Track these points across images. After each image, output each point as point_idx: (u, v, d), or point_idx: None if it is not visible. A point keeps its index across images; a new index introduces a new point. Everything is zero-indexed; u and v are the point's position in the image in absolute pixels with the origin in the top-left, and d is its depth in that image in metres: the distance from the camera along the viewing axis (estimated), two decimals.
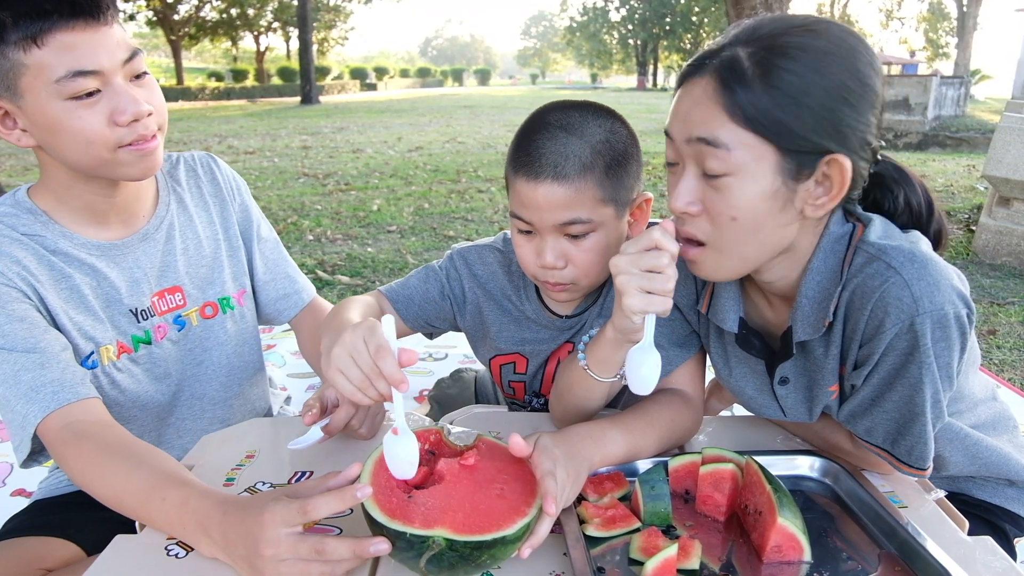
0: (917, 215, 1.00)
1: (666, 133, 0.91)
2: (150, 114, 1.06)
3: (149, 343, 1.23)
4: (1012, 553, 1.14)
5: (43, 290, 1.09)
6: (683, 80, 0.89)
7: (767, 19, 0.86)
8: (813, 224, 0.92)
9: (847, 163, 0.84)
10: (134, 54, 1.05)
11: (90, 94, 1.01)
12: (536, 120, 1.07)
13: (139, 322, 1.21)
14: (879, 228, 0.91)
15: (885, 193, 0.99)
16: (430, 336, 1.37)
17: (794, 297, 0.96)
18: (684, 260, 0.93)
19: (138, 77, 1.07)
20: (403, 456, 0.80)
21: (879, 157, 0.95)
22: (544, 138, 1.03)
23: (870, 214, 0.95)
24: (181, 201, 1.29)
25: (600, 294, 1.22)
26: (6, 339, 1.03)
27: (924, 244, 0.91)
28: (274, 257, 1.42)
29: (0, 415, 1.06)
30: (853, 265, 0.90)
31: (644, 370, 0.90)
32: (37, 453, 1.07)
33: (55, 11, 0.97)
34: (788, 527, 0.82)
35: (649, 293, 0.85)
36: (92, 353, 1.15)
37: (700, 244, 0.90)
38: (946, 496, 0.98)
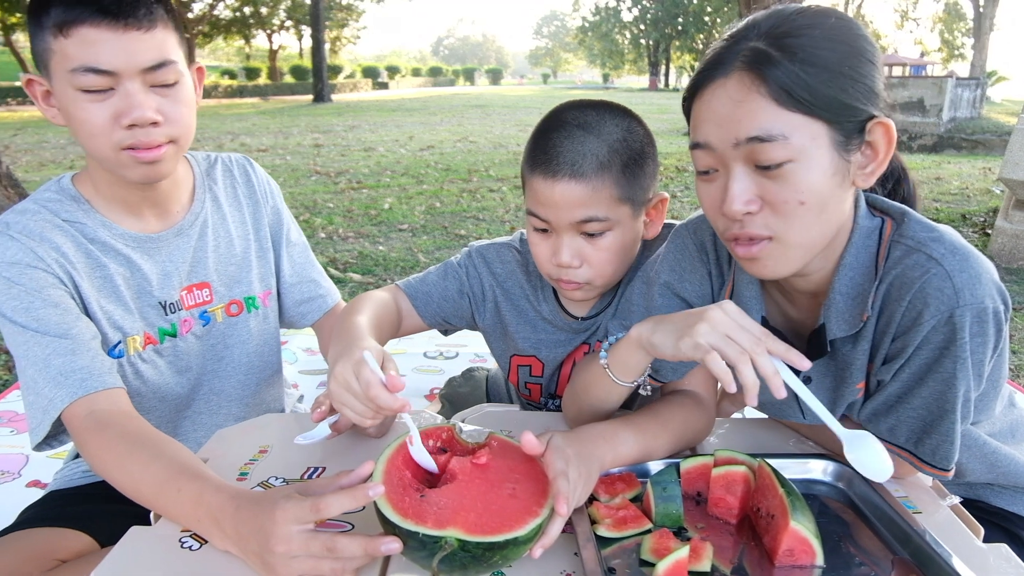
0: (895, 172, 1.01)
1: (697, 145, 0.88)
2: (155, 123, 1.06)
3: (174, 336, 1.25)
4: None
5: (78, 277, 1.12)
6: (700, 88, 0.87)
7: (760, 16, 0.86)
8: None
9: (891, 125, 0.84)
10: (162, 64, 1.06)
11: (101, 91, 1.03)
12: (553, 119, 1.07)
13: (166, 315, 1.24)
14: (915, 220, 0.91)
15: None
16: (445, 333, 1.37)
17: (822, 294, 0.95)
18: (743, 262, 0.92)
19: (165, 86, 1.07)
20: (423, 461, 0.83)
21: None
22: (562, 136, 1.03)
23: (900, 205, 0.95)
24: (216, 199, 1.31)
25: (615, 295, 1.22)
26: (40, 323, 1.06)
27: (960, 237, 0.90)
28: (302, 261, 1.44)
29: (24, 395, 1.08)
30: (890, 258, 0.90)
31: (868, 455, 0.83)
32: (51, 438, 1.09)
33: (85, 6, 1.00)
34: (801, 531, 0.81)
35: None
36: (119, 343, 1.18)
37: (763, 240, 0.87)
38: (961, 503, 0.98)
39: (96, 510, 1.18)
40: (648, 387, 1.03)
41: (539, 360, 1.29)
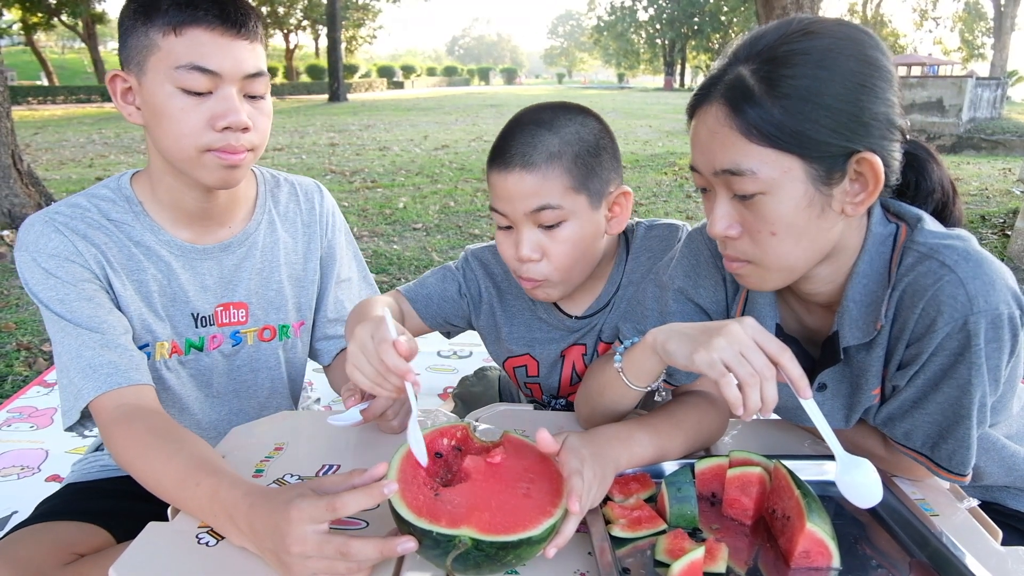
0: (947, 194, 0.99)
1: (692, 168, 0.92)
2: (247, 129, 1.10)
3: (200, 349, 1.26)
4: None
5: (113, 276, 1.15)
6: (693, 110, 0.90)
7: (766, 30, 0.85)
8: (856, 225, 0.91)
9: (876, 160, 0.83)
10: (258, 74, 1.11)
11: (199, 93, 1.06)
12: (512, 121, 1.11)
13: (197, 327, 1.25)
14: (928, 226, 0.90)
15: (920, 171, 0.98)
16: (448, 335, 1.39)
17: (836, 303, 0.95)
18: (731, 273, 0.96)
19: (254, 98, 1.12)
20: (419, 443, 0.83)
21: (907, 136, 0.93)
22: (516, 133, 1.07)
23: (916, 210, 0.94)
24: (272, 223, 1.32)
25: (613, 294, 1.22)
26: (74, 314, 1.10)
27: (975, 242, 0.89)
28: (346, 299, 1.43)
29: (58, 378, 1.12)
30: (903, 265, 0.89)
31: (859, 480, 0.83)
32: (86, 419, 1.11)
33: (203, 9, 1.05)
34: (817, 533, 0.81)
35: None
36: (147, 345, 1.20)
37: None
38: (979, 505, 0.97)
39: (114, 506, 1.20)
40: (663, 392, 1.03)
41: (533, 358, 1.30)
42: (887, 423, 0.97)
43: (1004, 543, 0.88)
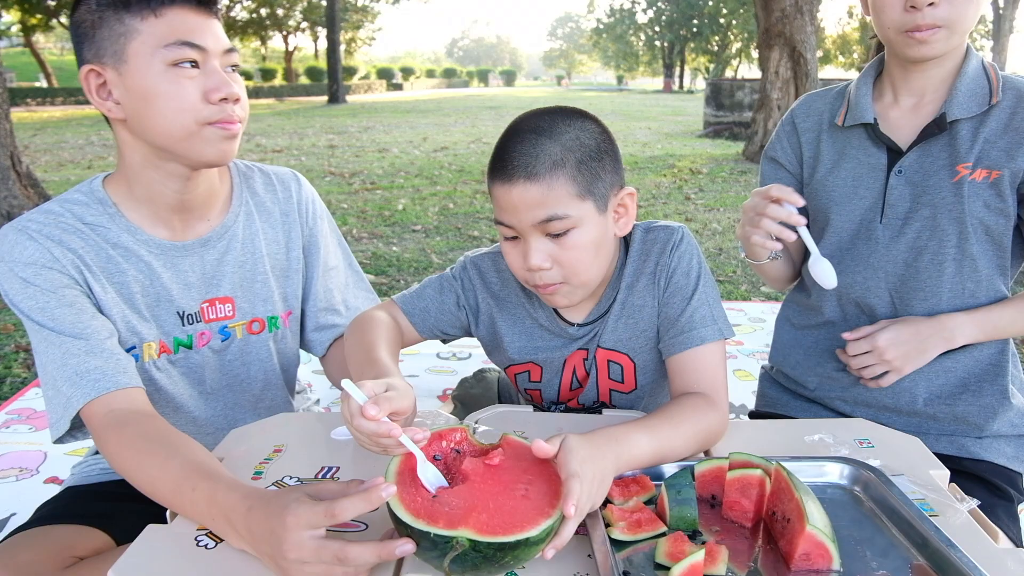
0: None
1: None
2: (238, 100, 1.12)
3: (189, 347, 1.25)
4: (1018, 521, 1.27)
5: (92, 279, 1.13)
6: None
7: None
8: None
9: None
10: (232, 48, 1.14)
11: (192, 64, 1.08)
12: (510, 129, 1.09)
13: (183, 325, 1.24)
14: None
15: None
16: (444, 342, 1.37)
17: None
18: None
19: (233, 68, 1.15)
20: (431, 478, 0.83)
21: None
22: (516, 143, 1.05)
23: None
24: (250, 214, 1.31)
25: (613, 300, 1.21)
26: (56, 322, 1.08)
27: None
28: (334, 286, 1.43)
29: (44, 390, 1.11)
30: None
31: (819, 271, 1.22)
32: (73, 430, 1.10)
33: None
34: (817, 535, 0.80)
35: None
36: (134, 347, 1.19)
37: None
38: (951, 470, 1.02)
39: (113, 508, 1.19)
40: (775, 254, 1.28)
41: (537, 364, 1.29)
42: None
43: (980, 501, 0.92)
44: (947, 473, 1.03)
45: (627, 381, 1.26)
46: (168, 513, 0.93)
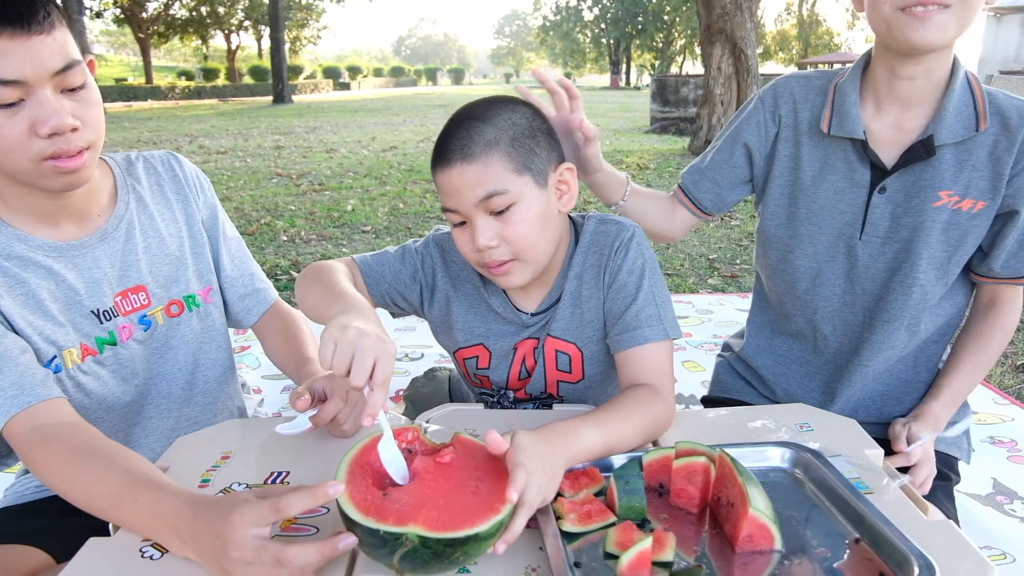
0: None
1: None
2: (75, 129, 1.02)
3: (115, 344, 1.21)
4: (953, 500, 1.35)
5: None
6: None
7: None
8: None
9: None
10: (70, 65, 1.00)
11: (12, 104, 0.97)
12: (448, 121, 1.13)
13: (102, 323, 1.19)
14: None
15: None
16: (393, 315, 1.38)
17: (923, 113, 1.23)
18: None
19: (74, 90, 1.03)
20: (393, 460, 0.83)
21: None
22: (453, 131, 1.10)
23: None
24: (141, 199, 1.27)
25: (563, 289, 1.24)
26: None
27: None
28: (240, 255, 1.42)
29: None
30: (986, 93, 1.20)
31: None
32: (5, 456, 1.05)
33: None
34: (759, 517, 0.83)
35: None
36: (55, 357, 1.13)
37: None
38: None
39: (51, 524, 1.15)
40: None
41: (486, 349, 1.31)
42: (1009, 264, 1.25)
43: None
44: (881, 452, 1.07)
45: (574, 371, 1.28)
46: (111, 525, 0.91)
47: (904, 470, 1.22)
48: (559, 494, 0.93)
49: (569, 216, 1.27)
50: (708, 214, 1.50)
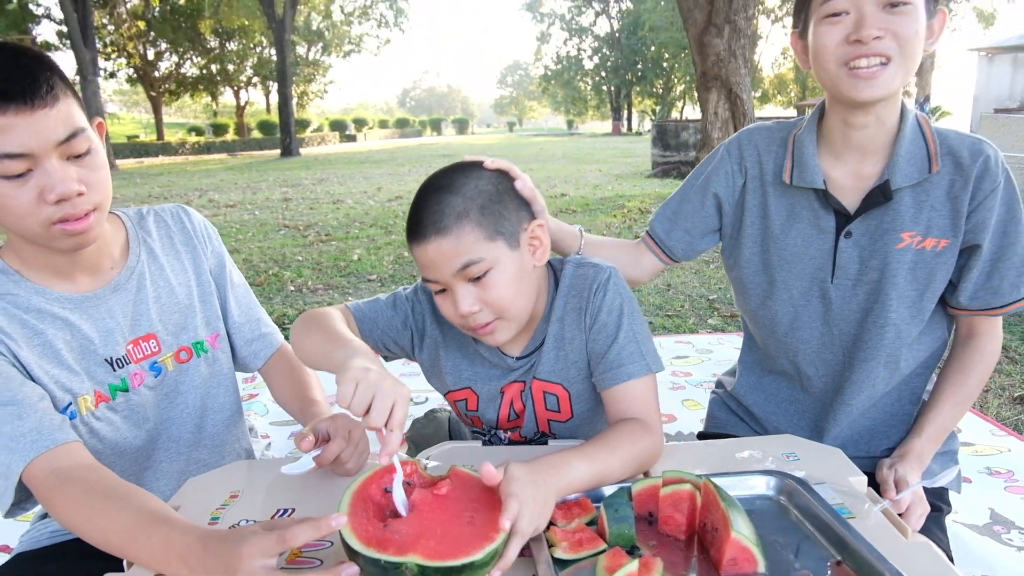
0: None
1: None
2: (80, 194, 1.08)
3: (127, 390, 1.26)
4: (945, 531, 1.35)
5: (15, 347, 1.13)
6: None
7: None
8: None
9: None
10: (74, 134, 1.06)
11: (21, 175, 1.03)
12: (417, 194, 1.18)
13: (115, 370, 1.25)
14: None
15: None
16: (385, 359, 1.42)
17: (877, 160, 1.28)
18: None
19: (79, 156, 1.09)
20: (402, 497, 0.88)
21: None
22: (423, 204, 1.14)
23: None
24: (151, 251, 1.34)
25: (546, 333, 1.28)
26: None
27: None
28: (246, 301, 1.49)
29: None
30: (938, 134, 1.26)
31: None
32: (24, 501, 1.10)
33: None
34: (742, 540, 0.87)
35: None
36: (70, 404, 1.19)
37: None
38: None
39: (66, 567, 1.19)
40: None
41: (474, 392, 1.35)
42: (977, 296, 1.28)
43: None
44: (864, 479, 1.11)
45: (563, 410, 1.32)
46: (124, 562, 0.95)
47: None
48: (552, 523, 0.97)
49: (548, 261, 1.32)
50: (676, 261, 1.53)
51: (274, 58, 30.54)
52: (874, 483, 1.24)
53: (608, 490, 1.05)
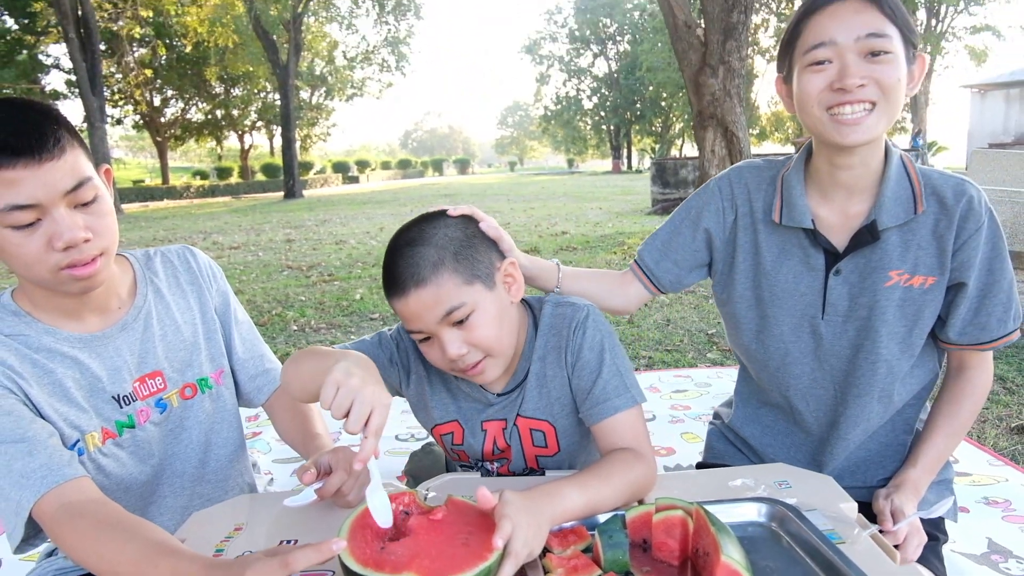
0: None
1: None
2: (87, 240, 1.12)
3: (133, 427, 1.30)
4: (942, 559, 1.35)
5: (26, 386, 1.17)
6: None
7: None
8: None
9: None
10: (80, 184, 1.11)
11: (30, 224, 1.08)
12: (388, 249, 1.21)
13: (122, 407, 1.28)
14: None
15: None
16: None
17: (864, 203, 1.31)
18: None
19: (86, 204, 1.13)
20: (379, 505, 0.90)
21: None
22: (396, 259, 1.18)
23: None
24: (158, 291, 1.39)
25: (528, 371, 1.32)
26: None
27: None
28: (250, 338, 1.53)
29: None
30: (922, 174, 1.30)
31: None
32: (33, 537, 1.12)
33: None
34: (731, 564, 0.89)
35: None
36: (78, 441, 1.22)
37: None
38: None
39: None
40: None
41: (460, 424, 1.38)
42: (966, 331, 1.31)
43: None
44: (855, 505, 1.13)
45: (550, 445, 1.35)
46: None
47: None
48: (547, 550, 0.99)
49: (526, 300, 1.36)
50: (663, 292, 1.55)
51: (278, 103, 31.08)
52: (870, 512, 1.26)
53: (603, 517, 1.07)
